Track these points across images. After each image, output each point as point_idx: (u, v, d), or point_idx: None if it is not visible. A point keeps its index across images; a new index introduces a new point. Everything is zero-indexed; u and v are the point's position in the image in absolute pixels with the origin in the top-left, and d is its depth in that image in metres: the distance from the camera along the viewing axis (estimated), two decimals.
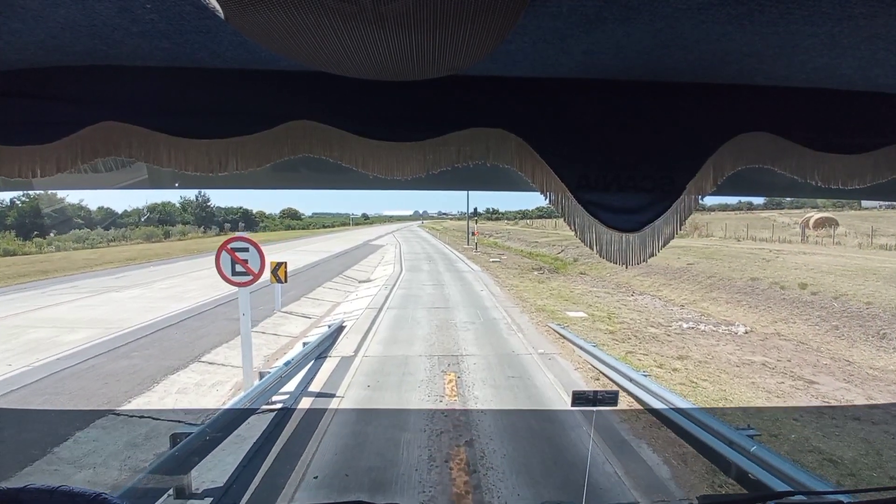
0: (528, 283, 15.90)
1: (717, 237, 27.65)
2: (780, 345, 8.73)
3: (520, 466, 3.92)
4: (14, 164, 0.93)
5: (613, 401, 1.11)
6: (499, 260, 23.61)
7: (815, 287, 11.56)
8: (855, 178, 1.05)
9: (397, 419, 4.88)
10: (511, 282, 16.17)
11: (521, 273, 18.86)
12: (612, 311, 11.39)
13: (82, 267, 20.66)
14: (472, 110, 1.01)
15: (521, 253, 28.10)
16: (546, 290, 14.57)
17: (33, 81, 0.93)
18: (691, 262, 16.74)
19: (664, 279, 15.47)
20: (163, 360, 6.96)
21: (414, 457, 3.99)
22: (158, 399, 5.58)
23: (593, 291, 14.58)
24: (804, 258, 15.26)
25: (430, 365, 6.70)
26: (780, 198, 40.07)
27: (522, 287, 14.95)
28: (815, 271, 13.02)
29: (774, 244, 21.73)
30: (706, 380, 6.52)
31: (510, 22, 0.65)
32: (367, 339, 8.28)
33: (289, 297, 11.75)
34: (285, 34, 0.64)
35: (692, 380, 6.47)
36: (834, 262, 14.19)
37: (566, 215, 1.03)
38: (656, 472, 3.90)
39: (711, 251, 18.93)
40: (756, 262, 15.36)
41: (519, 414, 5.20)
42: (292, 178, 1.39)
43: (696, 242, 24.01)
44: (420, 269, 20.04)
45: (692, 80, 1.03)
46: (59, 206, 41.47)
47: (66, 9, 0.74)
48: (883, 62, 0.89)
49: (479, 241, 33.78)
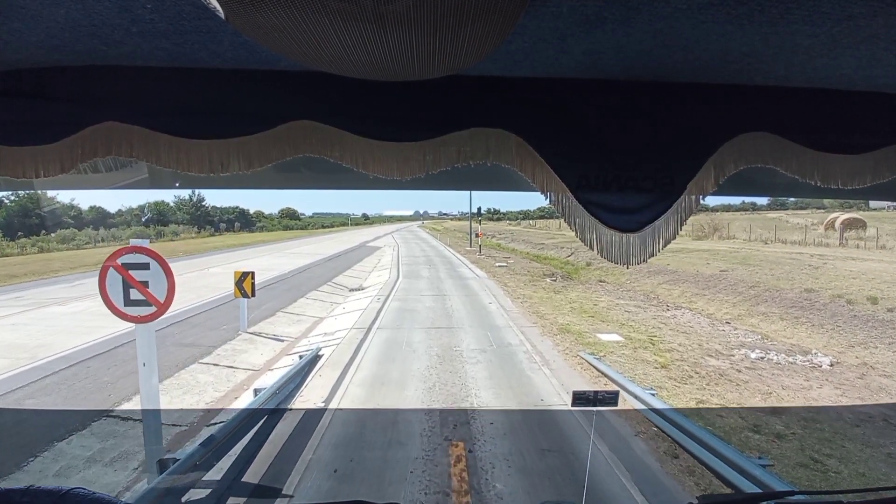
0: (543, 293, 15.32)
1: (740, 239, 27.95)
2: (886, 385, 7.53)
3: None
4: (17, 165, 1.05)
5: (614, 401, 1.21)
6: (505, 265, 23.29)
7: (891, 301, 10.76)
8: (855, 178, 1.17)
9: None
10: (523, 291, 15.65)
11: (531, 280, 18.37)
12: (652, 333, 10.35)
13: (57, 270, 20.63)
14: (472, 110, 1.12)
15: (527, 256, 28.33)
16: (564, 302, 13.92)
17: (33, 81, 1.05)
18: (724, 269, 16.30)
19: (696, 288, 15.04)
20: (51, 423, 5.35)
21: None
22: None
23: (620, 304, 13.83)
24: (856, 265, 14.82)
25: (430, 426, 5.30)
26: (783, 198, 40.42)
27: (537, 298, 14.26)
28: (878, 281, 12.29)
29: (808, 247, 21.74)
30: (839, 459, 4.62)
31: (510, 22, 0.74)
32: (346, 377, 6.97)
33: (263, 312, 11.32)
34: (285, 34, 0.74)
35: (823, 466, 4.50)
36: (894, 269, 13.80)
37: (566, 215, 1.15)
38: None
39: (743, 255, 18.72)
40: (802, 270, 14.89)
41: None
42: (293, 178, 1.52)
43: (719, 245, 23.97)
44: (419, 276, 19.67)
45: (692, 80, 1.14)
46: (51, 206, 42.16)
47: (66, 9, 0.84)
48: (883, 62, 1.00)
49: (482, 243, 34.05)
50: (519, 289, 16.28)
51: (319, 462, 4.43)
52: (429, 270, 21.83)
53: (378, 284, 17.20)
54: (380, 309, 12.46)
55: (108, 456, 4.72)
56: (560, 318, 11.61)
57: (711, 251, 20.06)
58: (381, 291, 15.46)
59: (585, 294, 15.66)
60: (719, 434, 4.79)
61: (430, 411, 5.70)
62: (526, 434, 5.05)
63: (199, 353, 8.28)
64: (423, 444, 4.82)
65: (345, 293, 15.78)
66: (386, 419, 5.60)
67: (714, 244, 24.59)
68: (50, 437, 5.01)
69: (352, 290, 16.41)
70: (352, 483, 4.13)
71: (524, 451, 4.62)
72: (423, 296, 14.66)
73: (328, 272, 20.32)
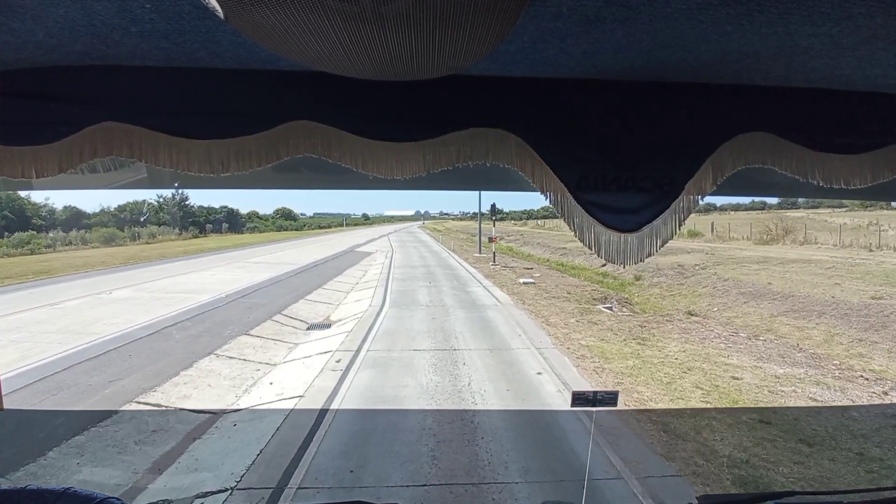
0: (615, 342, 8.95)
1: (827, 244, 20.70)
2: None
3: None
4: (15, 165, 1.05)
5: (613, 401, 1.21)
6: (532, 281, 16.88)
7: None
8: (855, 178, 1.18)
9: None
10: (579, 337, 9.16)
11: (581, 310, 11.86)
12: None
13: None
14: (471, 110, 1.13)
15: (551, 265, 22.56)
16: (666, 364, 7.73)
17: (33, 81, 1.05)
18: (877, 296, 10.30)
19: (856, 330, 9.03)
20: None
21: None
22: None
23: (786, 377, 7.29)
24: None
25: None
26: (792, 198, 38.90)
27: (612, 355, 8.08)
28: None
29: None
30: None
31: (510, 22, 0.75)
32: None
33: (102, 399, 6.07)
34: (285, 34, 0.74)
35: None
36: None
37: (565, 215, 1.16)
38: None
39: (885, 272, 12.70)
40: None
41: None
42: (293, 178, 1.53)
43: (811, 253, 17.82)
44: (414, 302, 12.80)
45: (692, 80, 1.15)
46: (20, 205, 40.37)
47: (66, 8, 0.84)
48: (882, 62, 1.01)
49: (497, 248, 25.42)
50: (570, 330, 9.70)
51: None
52: (428, 293, 14.71)
53: (354, 317, 10.93)
54: (336, 388, 6.30)
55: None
56: (710, 437, 4.94)
57: (813, 262, 14.56)
58: (353, 334, 9.16)
59: (689, 343, 9.11)
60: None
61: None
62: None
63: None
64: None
65: (298, 333, 9.83)
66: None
67: (799, 251, 18.81)
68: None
69: (311, 327, 10.43)
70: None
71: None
72: (417, 347, 8.24)
73: (287, 294, 14.21)
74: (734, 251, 20.12)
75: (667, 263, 16.61)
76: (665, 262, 16.83)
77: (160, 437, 5.04)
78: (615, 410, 5.78)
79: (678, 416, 5.65)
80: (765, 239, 24.50)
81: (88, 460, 4.56)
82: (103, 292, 14.48)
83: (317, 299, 13.71)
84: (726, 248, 22.38)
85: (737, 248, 22.36)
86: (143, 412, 5.80)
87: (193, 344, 8.65)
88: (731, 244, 24.89)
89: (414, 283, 17.09)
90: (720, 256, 18.01)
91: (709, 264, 16.42)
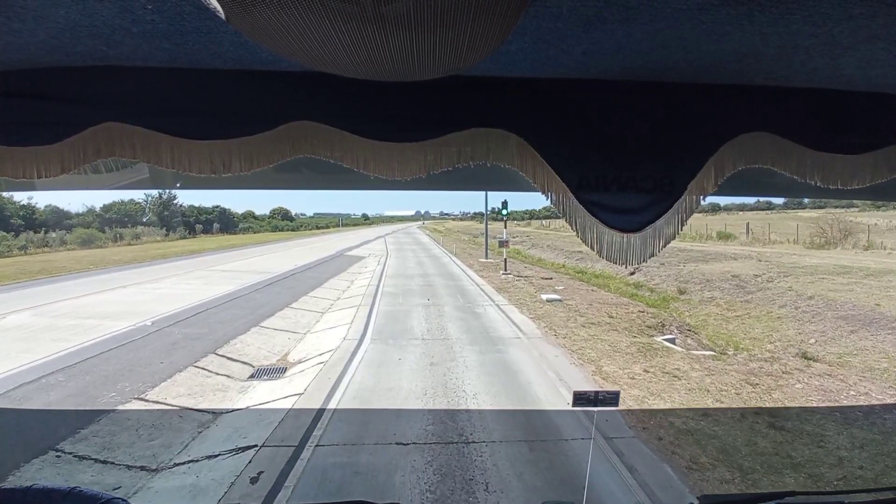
0: (735, 430, 4.87)
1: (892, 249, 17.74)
2: None
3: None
4: (17, 165, 1.06)
5: (614, 401, 1.22)
6: (558, 297, 12.98)
7: None
8: (855, 178, 1.18)
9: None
10: (664, 408, 5.57)
11: (639, 349, 7.99)
12: None
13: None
14: (472, 110, 1.13)
15: (571, 273, 19.10)
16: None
17: (34, 82, 1.06)
18: None
19: None
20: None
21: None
22: None
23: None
24: None
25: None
26: (792, 198, 38.17)
27: (742, 456, 4.28)
28: None
29: None
30: None
31: (510, 22, 0.75)
32: None
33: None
34: (286, 35, 0.74)
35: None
36: None
37: (567, 215, 1.16)
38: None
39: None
40: None
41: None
42: (294, 178, 1.54)
43: (887, 260, 15.23)
44: (406, 332, 9.19)
45: (692, 80, 1.15)
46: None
47: (67, 9, 0.84)
48: (883, 62, 1.01)
49: (495, 249, 23.21)
50: (643, 391, 6.14)
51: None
52: (426, 317, 10.60)
53: (316, 358, 7.61)
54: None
55: None
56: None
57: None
58: (314, 387, 6.14)
59: (862, 429, 4.88)
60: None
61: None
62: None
63: None
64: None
65: (230, 390, 6.30)
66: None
67: (875, 258, 15.69)
68: None
69: (256, 373, 7.10)
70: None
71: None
72: (402, 443, 4.48)
73: (240, 317, 10.50)
74: (790, 257, 17.11)
75: (716, 273, 14.29)
76: (711, 270, 14.72)
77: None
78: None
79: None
80: (819, 243, 21.15)
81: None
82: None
83: (278, 326, 10.07)
84: (776, 252, 19.29)
85: (788, 252, 19.30)
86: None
87: (19, 435, 4.77)
88: (775, 248, 21.66)
89: (408, 299, 13.22)
90: (779, 264, 15.01)
91: (773, 275, 13.34)
